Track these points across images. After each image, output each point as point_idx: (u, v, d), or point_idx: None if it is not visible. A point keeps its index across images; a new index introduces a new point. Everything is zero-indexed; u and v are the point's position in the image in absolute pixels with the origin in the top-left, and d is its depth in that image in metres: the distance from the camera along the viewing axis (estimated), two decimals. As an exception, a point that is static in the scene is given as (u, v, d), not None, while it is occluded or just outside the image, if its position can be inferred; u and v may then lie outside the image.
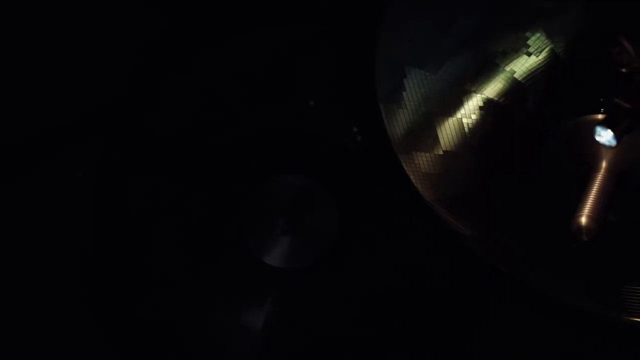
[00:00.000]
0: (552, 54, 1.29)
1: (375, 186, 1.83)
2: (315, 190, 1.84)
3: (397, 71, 1.45)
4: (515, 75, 1.35)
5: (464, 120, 1.45)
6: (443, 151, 1.50)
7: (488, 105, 1.41)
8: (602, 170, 1.28)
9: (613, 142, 1.01)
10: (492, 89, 1.38)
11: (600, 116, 1.18)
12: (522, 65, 1.33)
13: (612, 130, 0.99)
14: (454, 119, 1.45)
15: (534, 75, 1.33)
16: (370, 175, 1.83)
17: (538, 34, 1.29)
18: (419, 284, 1.85)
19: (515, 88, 1.36)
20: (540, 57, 1.30)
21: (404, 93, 1.46)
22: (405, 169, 1.57)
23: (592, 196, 1.27)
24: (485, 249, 1.61)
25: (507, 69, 1.34)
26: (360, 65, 1.48)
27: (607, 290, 1.53)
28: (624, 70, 1.00)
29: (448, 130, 1.47)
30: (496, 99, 1.39)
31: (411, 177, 1.58)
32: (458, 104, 1.43)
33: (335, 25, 1.59)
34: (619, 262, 1.48)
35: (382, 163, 1.63)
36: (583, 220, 1.25)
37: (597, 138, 1.01)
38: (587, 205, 1.26)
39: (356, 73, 1.51)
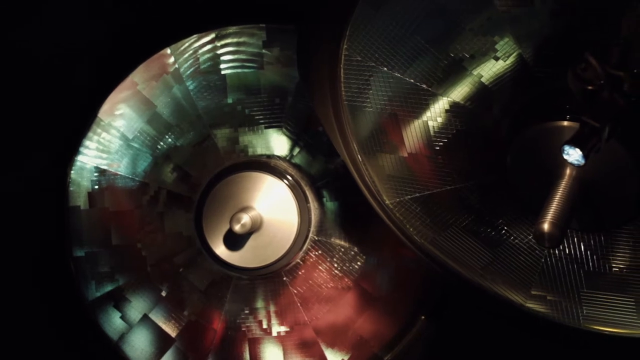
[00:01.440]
0: (520, 60, 1.29)
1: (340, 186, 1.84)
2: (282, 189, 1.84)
3: (364, 70, 1.44)
4: (483, 80, 1.34)
5: (430, 123, 1.44)
6: (408, 153, 1.50)
7: (454, 109, 1.40)
8: (567, 177, 1.28)
9: (582, 162, 1.00)
10: (459, 92, 1.38)
11: (566, 123, 1.18)
12: (489, 70, 1.32)
13: (581, 150, 0.99)
14: (419, 121, 1.45)
15: (501, 80, 1.33)
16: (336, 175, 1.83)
17: (506, 39, 1.28)
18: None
19: (482, 92, 1.36)
20: (508, 62, 1.30)
21: (370, 93, 1.46)
22: (369, 169, 1.56)
23: (555, 203, 1.26)
24: (446, 253, 1.61)
25: (475, 72, 1.34)
26: (325, 64, 1.47)
27: (565, 295, 1.54)
28: (590, 87, 0.99)
29: (413, 132, 1.47)
30: (462, 102, 1.39)
31: (374, 178, 1.57)
32: (424, 106, 1.42)
33: (303, 24, 1.57)
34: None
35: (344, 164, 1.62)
36: (546, 226, 1.25)
37: (565, 157, 1.00)
38: (550, 212, 1.26)
39: (321, 71, 1.50)
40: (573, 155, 0.99)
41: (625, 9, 1.14)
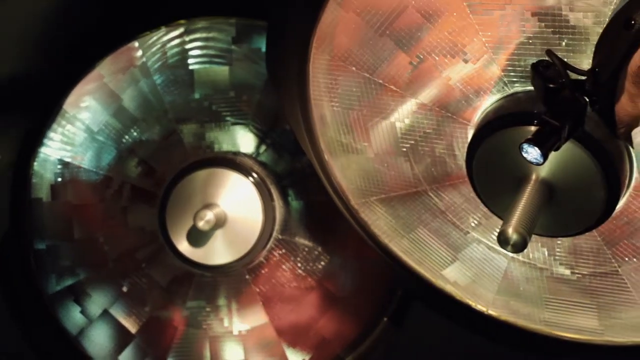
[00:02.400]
0: (490, 63, 1.29)
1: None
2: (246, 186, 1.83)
3: (333, 69, 1.43)
4: (451, 82, 1.33)
5: (397, 124, 1.43)
6: (375, 154, 1.49)
7: (422, 110, 1.40)
8: (532, 182, 1.28)
9: (540, 160, 0.99)
10: (427, 94, 1.37)
11: (533, 128, 1.18)
12: (458, 72, 1.32)
13: (539, 149, 0.98)
14: (387, 122, 1.44)
15: (469, 83, 1.33)
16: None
17: (476, 41, 1.27)
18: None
19: (450, 94, 1.35)
20: (477, 65, 1.29)
21: (338, 92, 1.45)
22: (335, 169, 1.56)
23: (520, 208, 1.26)
24: (409, 255, 1.61)
25: (444, 74, 1.33)
26: (294, 62, 1.46)
27: (528, 300, 1.54)
28: (551, 85, 0.98)
29: (380, 133, 1.46)
30: (430, 104, 1.38)
31: (340, 178, 1.56)
32: (392, 107, 1.42)
33: (273, 21, 1.57)
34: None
35: (310, 163, 1.61)
36: (510, 231, 1.24)
37: (524, 155, 0.99)
38: (515, 217, 1.25)
39: (289, 69, 1.49)
40: (532, 153, 0.99)
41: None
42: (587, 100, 0.97)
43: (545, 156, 0.99)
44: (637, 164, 0.87)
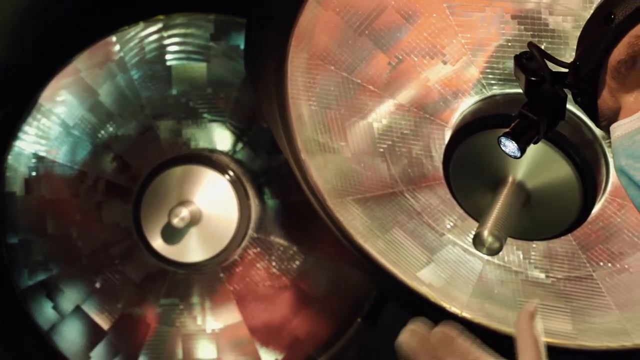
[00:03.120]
0: (468, 65, 1.28)
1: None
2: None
3: (311, 68, 1.42)
4: (429, 83, 1.33)
5: (375, 125, 1.43)
6: (352, 154, 1.48)
7: (400, 111, 1.39)
8: (509, 185, 1.27)
9: (517, 154, 0.98)
10: (405, 95, 1.37)
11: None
12: (437, 73, 1.31)
13: (517, 142, 0.97)
14: (364, 122, 1.43)
15: (448, 85, 1.32)
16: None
17: (455, 42, 1.27)
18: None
19: (428, 96, 1.35)
20: (456, 66, 1.29)
21: (316, 91, 1.44)
22: (312, 168, 1.55)
23: (496, 210, 1.26)
24: (384, 256, 1.61)
25: (422, 75, 1.32)
26: (272, 60, 1.45)
27: (502, 303, 1.54)
28: (533, 78, 0.98)
29: (358, 133, 1.45)
30: (408, 105, 1.37)
31: (317, 177, 1.56)
32: (370, 107, 1.41)
33: (252, 18, 1.55)
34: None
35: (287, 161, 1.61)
36: (486, 233, 1.24)
37: (502, 148, 0.99)
38: (491, 219, 1.25)
39: (268, 67, 1.48)
40: (509, 147, 0.98)
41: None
42: (568, 93, 0.97)
43: (522, 150, 0.98)
44: (615, 157, 0.87)
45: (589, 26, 0.92)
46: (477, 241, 1.25)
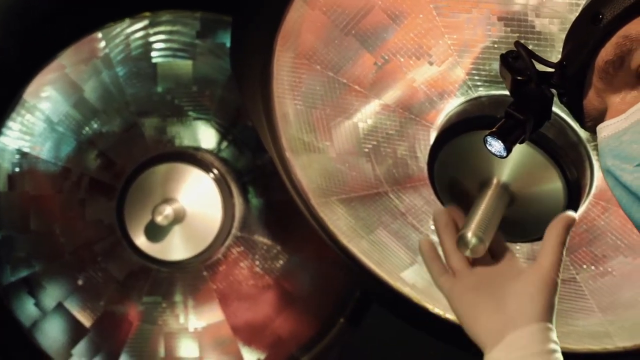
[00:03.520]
0: (454, 66, 1.28)
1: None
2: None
3: (297, 67, 1.41)
4: (415, 84, 1.32)
5: (360, 125, 1.42)
6: (336, 153, 1.48)
7: (385, 111, 1.39)
8: (493, 187, 1.27)
9: (504, 153, 0.98)
10: (391, 95, 1.36)
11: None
12: (423, 74, 1.30)
13: (503, 142, 0.97)
14: (350, 122, 1.43)
15: (434, 85, 1.32)
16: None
17: (441, 43, 1.26)
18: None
19: (414, 96, 1.34)
20: (442, 67, 1.28)
21: (301, 90, 1.43)
22: (297, 167, 1.54)
23: (480, 211, 1.25)
24: (368, 256, 1.60)
25: (408, 76, 1.32)
26: (258, 58, 1.45)
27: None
28: (519, 78, 0.98)
29: (343, 133, 1.45)
30: (394, 105, 1.37)
31: (301, 176, 1.55)
32: (355, 107, 1.40)
33: (238, 16, 1.55)
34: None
35: (271, 160, 1.60)
36: (469, 235, 1.24)
37: (488, 147, 0.98)
38: (475, 221, 1.25)
39: (253, 65, 1.48)
40: (495, 146, 0.98)
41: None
42: (554, 93, 0.97)
43: (508, 149, 0.97)
44: (602, 158, 0.87)
45: (576, 26, 0.91)
46: (461, 242, 1.25)
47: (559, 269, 1.21)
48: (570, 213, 1.23)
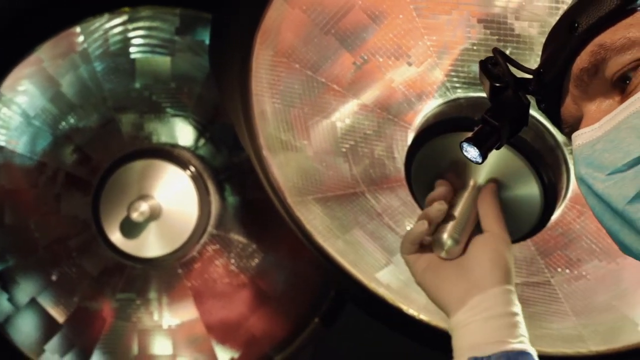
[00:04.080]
0: (433, 67, 1.27)
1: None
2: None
3: (276, 65, 1.40)
4: (394, 85, 1.31)
5: (338, 124, 1.41)
6: (314, 152, 1.47)
7: (363, 111, 1.38)
8: (470, 189, 1.27)
9: (479, 160, 0.98)
10: (369, 95, 1.35)
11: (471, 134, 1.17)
12: (402, 75, 1.30)
13: (478, 148, 0.97)
14: (328, 121, 1.42)
15: (412, 86, 1.31)
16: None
17: (421, 44, 1.26)
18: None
19: (392, 97, 1.34)
20: (421, 68, 1.28)
21: (280, 89, 1.42)
22: (274, 166, 1.53)
23: (456, 213, 1.25)
24: (343, 256, 1.59)
25: (387, 76, 1.31)
26: (237, 56, 1.44)
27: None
28: (497, 84, 0.97)
29: (321, 132, 1.44)
30: (372, 105, 1.36)
31: (278, 175, 1.54)
32: (333, 106, 1.39)
33: (218, 13, 1.53)
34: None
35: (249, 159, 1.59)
36: (444, 236, 1.24)
37: (465, 154, 0.98)
38: (450, 222, 1.25)
39: (232, 63, 1.46)
40: (471, 152, 0.97)
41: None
42: (531, 100, 0.96)
43: (484, 156, 0.97)
44: (576, 166, 0.86)
45: (554, 33, 0.92)
46: (437, 244, 1.25)
47: (506, 229, 1.25)
48: (491, 184, 1.26)
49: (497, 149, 0.99)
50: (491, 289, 1.21)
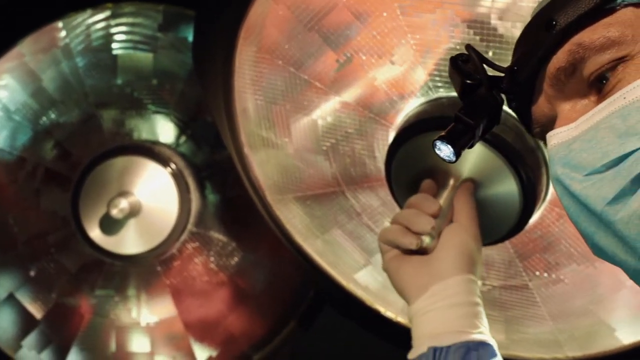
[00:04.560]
0: (416, 66, 1.26)
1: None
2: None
3: (259, 62, 1.39)
4: (376, 83, 1.30)
5: (319, 122, 1.40)
6: (294, 150, 1.45)
7: (345, 110, 1.37)
8: (449, 188, 1.26)
9: (453, 158, 0.96)
10: (352, 93, 1.34)
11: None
12: (385, 73, 1.28)
13: (452, 146, 0.95)
14: (309, 118, 1.40)
15: (395, 85, 1.30)
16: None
17: (404, 43, 1.24)
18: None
19: (374, 95, 1.32)
20: (404, 67, 1.26)
21: (263, 85, 1.41)
22: (255, 163, 1.52)
23: (436, 213, 1.24)
24: (322, 256, 1.58)
25: (369, 75, 1.30)
26: (220, 53, 1.42)
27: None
28: (469, 82, 0.96)
29: (302, 130, 1.42)
30: (354, 104, 1.35)
31: (259, 172, 1.53)
32: (315, 104, 1.38)
33: (201, 10, 1.52)
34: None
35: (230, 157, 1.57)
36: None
37: (437, 152, 0.96)
38: (430, 222, 1.23)
39: (215, 60, 1.45)
40: (444, 150, 0.95)
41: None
42: (504, 98, 0.95)
43: (457, 154, 0.95)
44: (551, 166, 0.85)
45: (528, 31, 0.90)
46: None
47: (477, 225, 1.22)
48: (468, 182, 1.25)
49: (470, 147, 0.98)
50: (454, 277, 1.18)
